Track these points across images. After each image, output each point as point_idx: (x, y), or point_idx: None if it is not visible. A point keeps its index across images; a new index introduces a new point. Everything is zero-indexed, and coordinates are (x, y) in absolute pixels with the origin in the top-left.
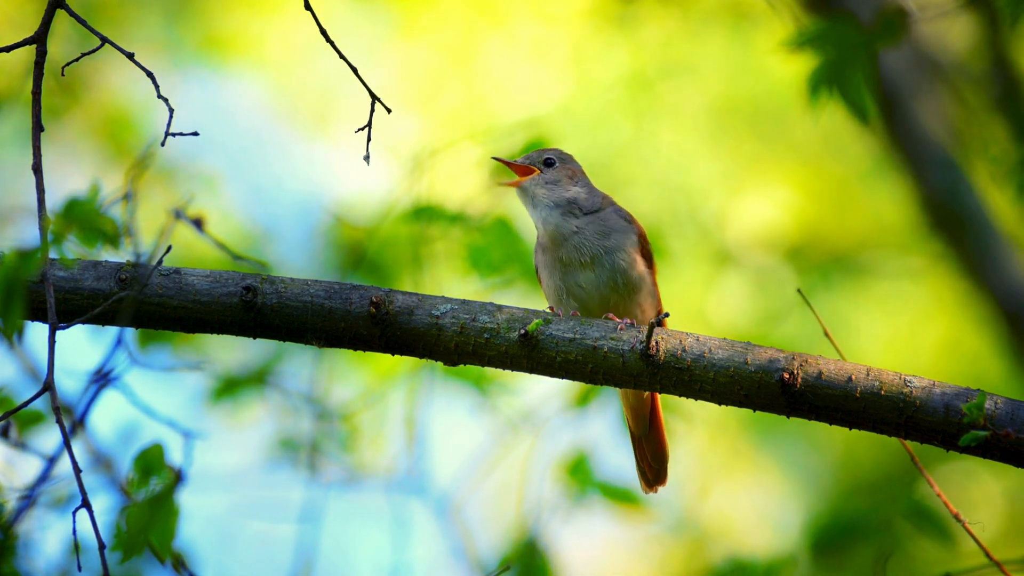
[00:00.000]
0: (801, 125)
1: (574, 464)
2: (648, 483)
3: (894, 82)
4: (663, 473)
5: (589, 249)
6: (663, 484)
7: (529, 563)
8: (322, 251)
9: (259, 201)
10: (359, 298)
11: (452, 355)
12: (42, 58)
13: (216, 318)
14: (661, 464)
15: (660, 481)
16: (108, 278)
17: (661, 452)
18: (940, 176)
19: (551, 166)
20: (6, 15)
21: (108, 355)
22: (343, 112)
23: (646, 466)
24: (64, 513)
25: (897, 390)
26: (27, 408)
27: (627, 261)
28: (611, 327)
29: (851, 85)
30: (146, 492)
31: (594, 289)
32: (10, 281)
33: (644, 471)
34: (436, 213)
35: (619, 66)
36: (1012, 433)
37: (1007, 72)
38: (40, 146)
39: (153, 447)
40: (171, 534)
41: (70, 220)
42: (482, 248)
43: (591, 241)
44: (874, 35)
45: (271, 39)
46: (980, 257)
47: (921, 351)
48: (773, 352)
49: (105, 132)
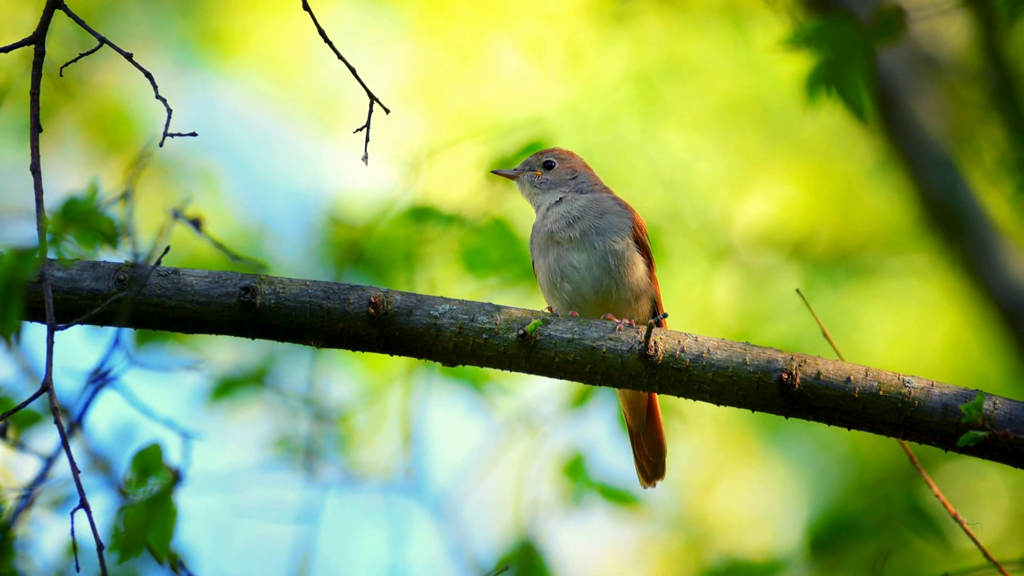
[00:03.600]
0: (805, 123)
1: (571, 464)
2: (646, 478)
3: (891, 81)
4: (661, 467)
5: (581, 224)
6: (661, 478)
7: (527, 563)
8: (319, 250)
9: (258, 200)
10: (357, 298)
11: (451, 355)
12: (40, 58)
13: (214, 318)
14: (659, 458)
15: (658, 475)
16: (106, 278)
17: (659, 446)
18: (937, 175)
19: (551, 168)
20: (4, 16)
21: (106, 355)
22: (343, 111)
23: (644, 460)
24: (62, 514)
25: (896, 390)
26: (26, 408)
27: (619, 243)
28: (610, 327)
29: (849, 83)
30: (144, 492)
31: (587, 270)
32: (8, 281)
33: (642, 466)
34: (433, 213)
35: (621, 65)
36: (1011, 433)
37: (1004, 70)
38: (38, 147)
39: (151, 447)
40: (169, 534)
41: (68, 220)
42: (479, 249)
43: (584, 217)
44: (872, 34)
45: (271, 38)
46: (977, 256)
47: (926, 349)
48: (772, 352)
49: (104, 132)
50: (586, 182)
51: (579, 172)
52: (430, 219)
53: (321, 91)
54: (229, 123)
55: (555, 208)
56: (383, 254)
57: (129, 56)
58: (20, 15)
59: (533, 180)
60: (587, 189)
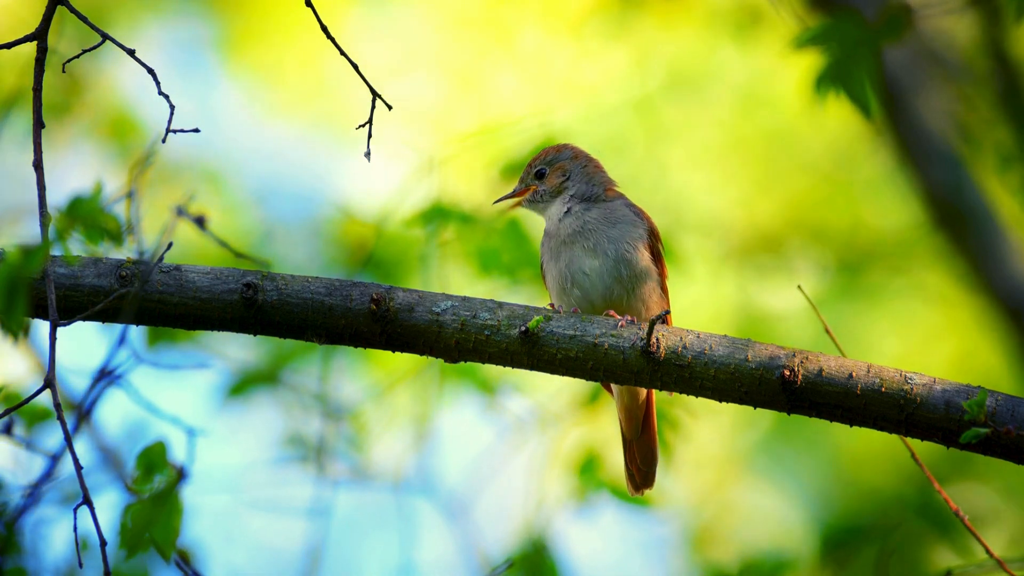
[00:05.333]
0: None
1: (582, 463)
2: (635, 486)
3: (897, 79)
4: (651, 476)
5: (594, 235)
6: (650, 487)
7: (537, 563)
8: (328, 250)
9: (266, 199)
10: (359, 295)
11: (452, 352)
12: (43, 54)
13: (217, 315)
14: (650, 467)
15: (647, 484)
16: (109, 275)
17: (651, 455)
18: (943, 172)
19: (542, 176)
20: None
21: (111, 352)
22: (353, 111)
23: (635, 469)
24: (69, 510)
25: (898, 387)
26: (34, 405)
27: (632, 252)
28: (612, 324)
29: (856, 82)
30: (150, 489)
31: (598, 278)
32: (13, 279)
33: (632, 473)
34: (447, 213)
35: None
36: (1013, 430)
37: (1010, 69)
38: (41, 142)
39: (156, 444)
40: (175, 532)
41: (74, 218)
42: (493, 250)
43: (597, 229)
44: (878, 32)
45: (279, 38)
46: (983, 253)
47: (935, 362)
48: (774, 349)
49: (110, 130)
50: (583, 180)
51: (569, 169)
52: (444, 219)
53: (330, 91)
54: (237, 123)
55: (566, 220)
56: (393, 255)
57: (131, 52)
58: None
59: (532, 197)
60: (589, 192)
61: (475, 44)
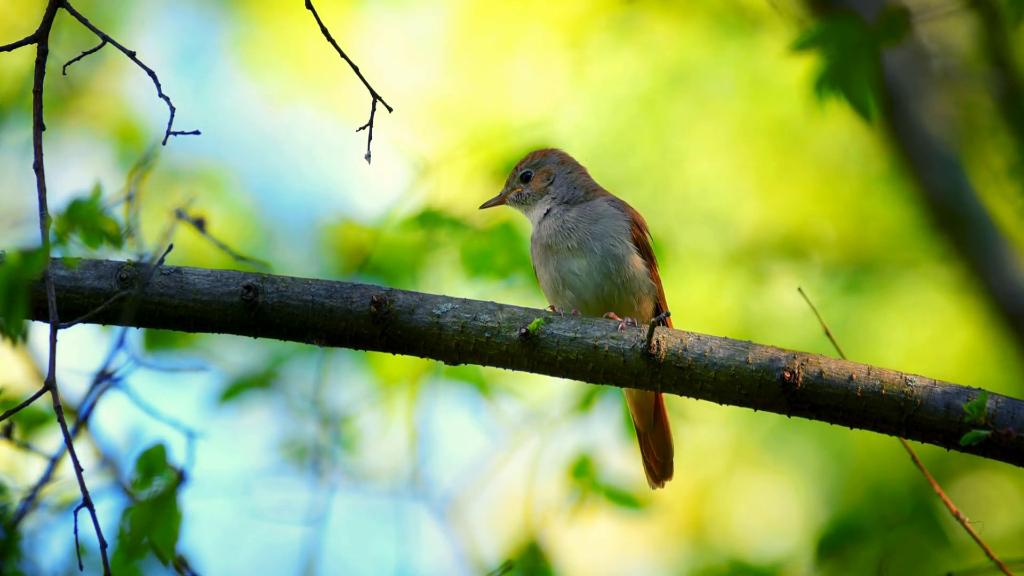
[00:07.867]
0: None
1: (578, 466)
2: (655, 478)
3: (896, 82)
4: (669, 468)
5: (576, 234)
6: (669, 479)
7: (533, 566)
8: (327, 253)
9: (265, 204)
10: (360, 297)
11: (453, 354)
12: (43, 57)
13: (217, 317)
14: (666, 458)
15: (666, 476)
16: (109, 277)
17: (666, 447)
18: (942, 176)
19: (528, 180)
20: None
21: (110, 355)
22: (355, 111)
23: (652, 461)
24: (69, 514)
25: (898, 389)
26: (33, 408)
27: (618, 247)
28: (612, 326)
29: (855, 84)
30: (148, 493)
31: (588, 277)
32: (13, 281)
33: (650, 466)
34: (441, 218)
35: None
36: (1013, 432)
37: (1009, 72)
38: (41, 144)
39: (155, 447)
40: (174, 535)
41: (73, 220)
42: (486, 253)
43: (579, 228)
44: (877, 34)
45: (280, 40)
46: (982, 258)
47: (940, 363)
48: (774, 351)
49: (111, 132)
50: (566, 184)
51: (554, 173)
52: (438, 223)
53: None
54: (238, 125)
55: (546, 221)
56: (391, 258)
57: (132, 54)
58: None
59: (517, 198)
60: (571, 195)
61: (482, 42)
